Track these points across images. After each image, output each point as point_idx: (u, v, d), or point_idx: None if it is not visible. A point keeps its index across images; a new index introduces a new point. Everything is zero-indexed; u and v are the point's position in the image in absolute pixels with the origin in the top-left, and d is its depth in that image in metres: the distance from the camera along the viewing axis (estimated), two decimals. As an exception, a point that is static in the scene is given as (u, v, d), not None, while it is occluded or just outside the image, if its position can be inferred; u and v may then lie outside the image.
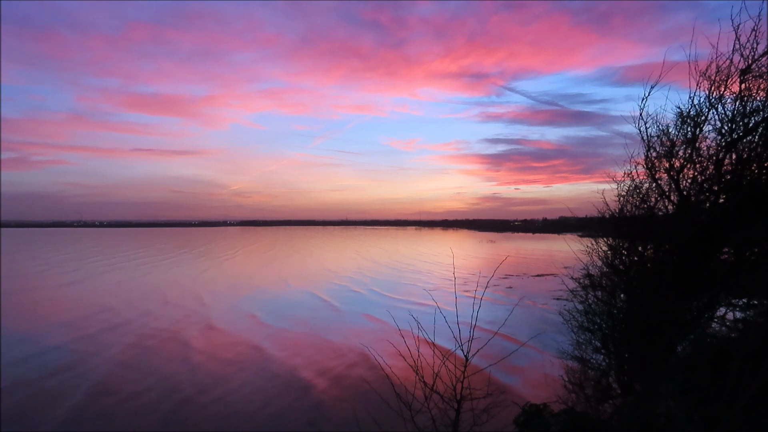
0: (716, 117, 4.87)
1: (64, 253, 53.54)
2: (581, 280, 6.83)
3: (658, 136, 5.49)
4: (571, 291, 6.99)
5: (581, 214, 8.34)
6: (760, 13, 4.42)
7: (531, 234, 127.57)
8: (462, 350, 3.49)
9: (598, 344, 6.13)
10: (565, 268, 8.98)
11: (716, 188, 4.94)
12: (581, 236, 7.97)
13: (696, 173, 5.16)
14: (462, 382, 3.44)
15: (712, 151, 4.98)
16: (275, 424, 8.27)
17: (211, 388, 10.00)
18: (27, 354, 12.52)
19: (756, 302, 4.77)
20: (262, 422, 8.33)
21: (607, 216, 6.37)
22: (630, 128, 5.70)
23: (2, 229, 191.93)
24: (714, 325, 5.08)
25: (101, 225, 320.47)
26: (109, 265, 38.72)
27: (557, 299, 19.70)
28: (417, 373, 3.48)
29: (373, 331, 15.27)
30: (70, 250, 59.50)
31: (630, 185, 5.98)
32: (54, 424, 8.26)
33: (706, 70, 4.85)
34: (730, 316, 4.98)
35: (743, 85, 4.62)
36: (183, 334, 14.89)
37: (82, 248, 62.47)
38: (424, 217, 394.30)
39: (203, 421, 8.37)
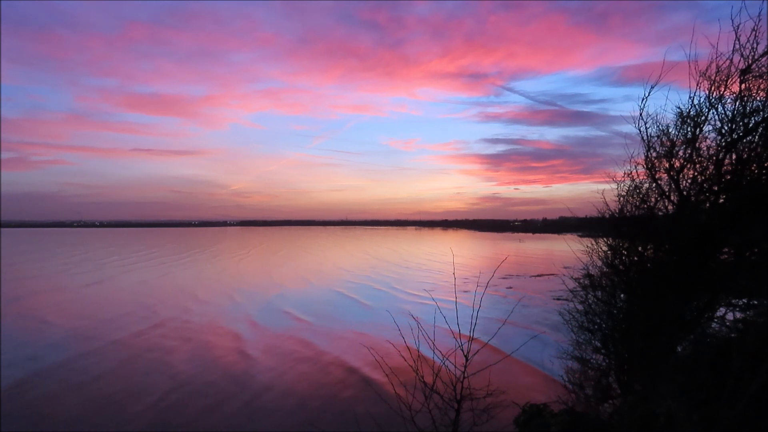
0: (716, 117, 4.87)
1: (79, 253, 53.97)
2: (581, 280, 6.83)
3: (658, 136, 5.50)
4: (571, 291, 6.99)
5: (581, 214, 8.34)
6: (760, 13, 4.42)
7: (531, 234, 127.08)
8: (462, 350, 3.51)
9: (598, 344, 6.13)
10: (565, 268, 8.96)
11: (716, 188, 4.93)
12: (581, 236, 7.97)
13: (696, 173, 5.16)
14: (462, 382, 3.44)
15: (712, 151, 4.98)
16: (343, 419, 8.34)
17: (275, 383, 10.26)
18: (89, 349, 12.88)
19: (756, 302, 4.75)
20: (331, 418, 8.44)
21: (607, 216, 6.38)
22: (630, 128, 5.71)
23: (2, 229, 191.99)
24: (714, 325, 5.07)
25: (101, 225, 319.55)
26: (128, 264, 39.07)
27: (557, 299, 19.64)
28: (417, 373, 3.50)
29: (410, 327, 15.28)
30: (83, 250, 59.81)
31: (630, 185, 6.00)
32: (135, 415, 8.55)
33: (706, 70, 4.85)
34: (730, 316, 4.97)
35: (743, 85, 4.61)
36: (230, 330, 15.10)
37: (94, 249, 62.77)
38: (423, 217, 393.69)
39: (272, 417, 8.52)
